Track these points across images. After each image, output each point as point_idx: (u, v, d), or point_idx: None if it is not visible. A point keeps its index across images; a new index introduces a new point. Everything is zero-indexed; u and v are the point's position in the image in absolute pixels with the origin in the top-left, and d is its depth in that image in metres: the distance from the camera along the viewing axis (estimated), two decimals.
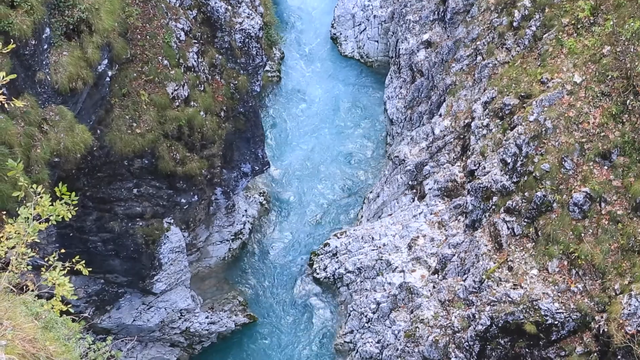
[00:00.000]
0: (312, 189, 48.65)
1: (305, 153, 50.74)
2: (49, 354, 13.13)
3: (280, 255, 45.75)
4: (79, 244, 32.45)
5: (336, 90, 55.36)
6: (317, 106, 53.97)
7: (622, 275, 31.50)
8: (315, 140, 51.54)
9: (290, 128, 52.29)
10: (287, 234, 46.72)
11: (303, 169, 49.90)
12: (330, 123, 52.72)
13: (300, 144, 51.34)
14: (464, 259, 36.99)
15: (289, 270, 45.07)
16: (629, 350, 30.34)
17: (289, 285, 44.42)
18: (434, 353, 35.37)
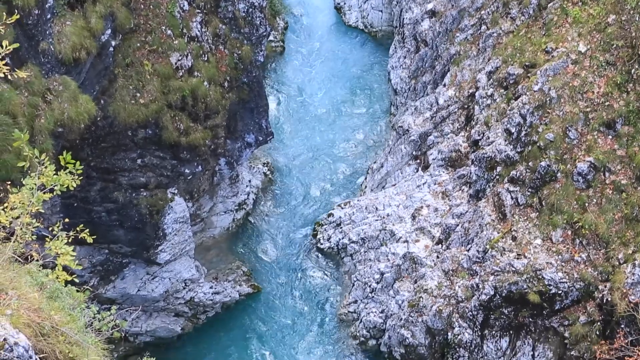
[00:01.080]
0: (316, 159, 48.61)
1: (308, 123, 50.65)
2: (54, 324, 13.15)
3: (284, 225, 45.78)
4: (83, 214, 32.48)
5: (340, 61, 55.19)
6: (321, 76, 53.83)
7: (626, 244, 31.51)
8: (319, 110, 51.44)
9: (293, 98, 52.18)
10: (291, 204, 46.73)
11: (306, 139, 49.83)
12: (334, 93, 52.60)
13: (304, 114, 51.24)
14: (467, 229, 37.00)
15: (293, 240, 45.11)
16: (632, 319, 30.40)
17: (292, 255, 44.47)
18: (438, 323, 35.48)
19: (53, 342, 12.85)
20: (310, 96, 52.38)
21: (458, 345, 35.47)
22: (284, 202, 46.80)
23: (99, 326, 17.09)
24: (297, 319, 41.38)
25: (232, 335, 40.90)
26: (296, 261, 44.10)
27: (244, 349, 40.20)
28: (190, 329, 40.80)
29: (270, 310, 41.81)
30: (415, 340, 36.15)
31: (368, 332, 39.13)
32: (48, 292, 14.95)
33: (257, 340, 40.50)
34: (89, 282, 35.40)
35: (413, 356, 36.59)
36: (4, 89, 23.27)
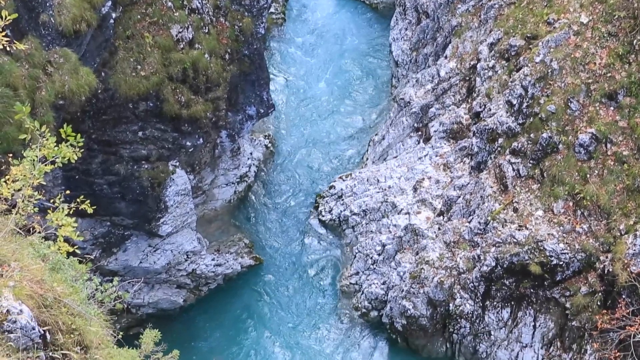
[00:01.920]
0: (317, 132, 48.55)
1: (310, 95, 50.57)
2: (56, 295, 13.18)
3: (286, 197, 45.79)
4: (85, 186, 32.48)
5: (341, 32, 55.01)
6: (322, 48, 53.67)
7: (627, 215, 31.56)
8: (320, 82, 51.34)
9: (294, 70, 52.07)
10: (293, 176, 46.70)
11: (308, 111, 49.75)
12: (335, 65, 52.47)
13: (305, 86, 51.14)
14: (469, 200, 37.03)
15: (295, 212, 45.13)
16: (633, 290, 30.52)
17: (294, 227, 44.51)
18: (439, 294, 35.59)
19: (56, 314, 12.89)
20: (310, 68, 52.25)
21: (459, 316, 35.62)
22: (286, 174, 46.78)
23: (101, 298, 17.16)
24: (298, 290, 41.48)
25: (234, 306, 41.02)
26: (298, 233, 44.15)
27: (246, 320, 40.34)
28: (193, 300, 40.92)
29: (272, 281, 41.91)
30: (417, 311, 36.27)
31: (370, 304, 39.25)
32: (50, 264, 14.98)
33: (259, 312, 40.63)
34: (90, 254, 35.46)
35: (414, 327, 36.73)
36: (4, 61, 23.23)
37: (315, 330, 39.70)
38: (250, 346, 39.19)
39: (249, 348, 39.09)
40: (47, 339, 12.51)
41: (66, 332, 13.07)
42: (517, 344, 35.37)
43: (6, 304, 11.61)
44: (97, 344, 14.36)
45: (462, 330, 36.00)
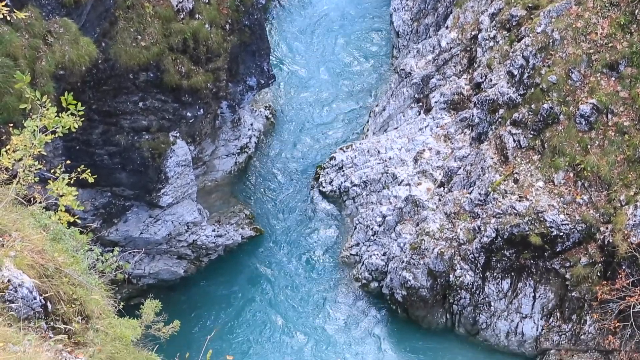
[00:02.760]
0: (318, 103, 48.44)
1: (310, 66, 50.42)
2: (57, 265, 13.22)
3: (286, 169, 45.74)
4: (86, 157, 32.46)
5: (342, 3, 54.74)
6: (323, 18, 53.43)
7: (628, 186, 31.61)
8: (321, 53, 51.17)
9: (294, 41, 51.89)
10: (293, 147, 46.63)
11: (309, 82, 49.62)
12: (336, 35, 52.26)
13: (305, 56, 50.97)
14: (469, 171, 37.02)
15: (295, 184, 45.10)
16: (634, 261, 30.61)
17: (294, 199, 44.49)
18: (440, 265, 35.64)
19: (57, 284, 12.93)
20: (311, 38, 52.06)
21: (459, 287, 35.70)
22: (286, 145, 46.73)
23: (102, 268, 17.22)
24: (299, 261, 41.54)
25: (234, 277, 41.11)
26: (298, 204, 44.15)
27: (246, 291, 40.43)
28: (194, 271, 40.99)
29: (273, 253, 41.97)
30: (417, 282, 36.34)
31: (370, 275, 39.33)
32: (51, 234, 15.02)
33: (259, 283, 40.73)
34: (91, 225, 35.50)
35: (415, 298, 36.81)
36: (4, 31, 23.17)
37: (315, 300, 39.79)
38: (251, 316, 39.32)
39: (250, 318, 39.22)
40: (48, 309, 12.55)
41: (67, 302, 13.11)
42: (517, 314, 35.50)
43: (7, 274, 11.64)
44: (98, 313, 14.41)
45: (462, 301, 36.09)
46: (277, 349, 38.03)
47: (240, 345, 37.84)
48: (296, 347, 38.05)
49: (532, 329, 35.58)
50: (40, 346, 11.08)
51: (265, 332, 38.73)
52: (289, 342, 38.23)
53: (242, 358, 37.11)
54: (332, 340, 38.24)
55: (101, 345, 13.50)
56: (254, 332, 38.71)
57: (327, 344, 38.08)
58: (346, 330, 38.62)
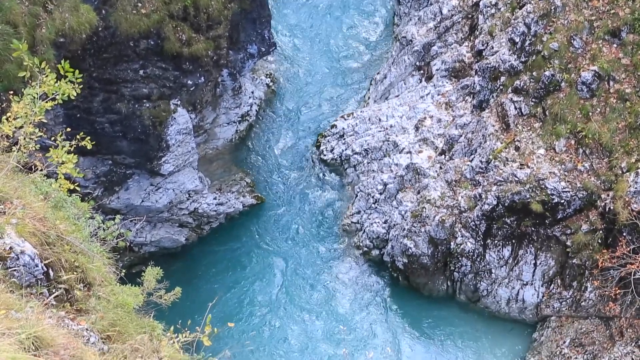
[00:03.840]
0: (319, 70, 48.29)
1: (311, 33, 50.22)
2: (59, 233, 13.22)
3: (287, 137, 45.68)
4: (86, 125, 32.43)
5: None
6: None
7: (629, 153, 31.60)
8: (322, 21, 50.94)
9: (296, 7, 51.62)
10: (294, 116, 46.54)
11: (309, 49, 49.45)
12: (337, 3, 52.02)
13: (306, 23, 50.75)
14: (471, 139, 36.99)
15: (296, 151, 45.06)
16: (634, 227, 30.65)
17: (296, 167, 44.47)
18: (441, 233, 35.70)
19: (58, 251, 12.94)
20: (313, 6, 51.82)
21: (460, 254, 35.77)
22: (287, 113, 46.64)
23: (103, 235, 17.24)
24: (300, 229, 41.59)
25: (236, 246, 41.18)
26: (299, 173, 44.14)
27: (247, 259, 40.52)
28: (195, 239, 41.06)
29: (274, 221, 42.01)
30: (418, 250, 36.41)
31: (371, 242, 39.40)
32: (52, 202, 15.04)
33: (260, 251, 40.79)
34: (92, 193, 35.55)
35: (416, 266, 36.90)
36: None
37: (316, 268, 39.88)
38: (252, 284, 39.43)
39: (251, 286, 39.33)
40: (50, 276, 12.58)
41: (69, 269, 13.14)
42: (518, 281, 35.60)
43: (9, 241, 11.66)
44: (100, 281, 14.45)
45: (463, 268, 36.18)
46: (278, 316, 38.16)
47: (241, 312, 37.98)
48: (297, 314, 38.19)
49: (533, 296, 35.70)
50: (42, 313, 11.12)
51: (266, 299, 38.86)
52: (290, 309, 38.37)
53: (243, 325, 37.25)
54: (333, 307, 38.36)
55: (103, 313, 13.54)
56: (255, 299, 38.84)
57: (328, 311, 38.22)
58: (347, 297, 38.74)
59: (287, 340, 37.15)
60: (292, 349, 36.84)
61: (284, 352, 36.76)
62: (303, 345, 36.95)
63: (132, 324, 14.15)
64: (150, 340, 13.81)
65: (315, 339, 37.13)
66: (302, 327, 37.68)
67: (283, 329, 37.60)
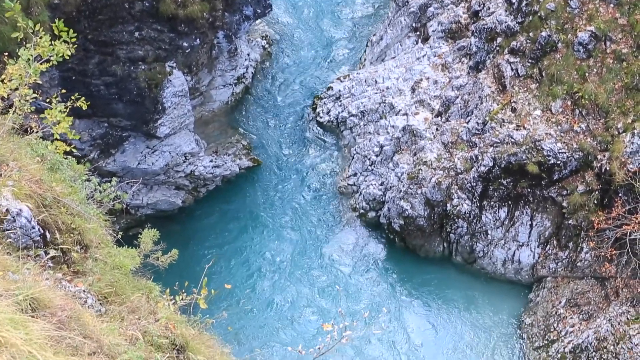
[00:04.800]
0: (315, 33, 48.12)
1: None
2: (55, 195, 13.20)
3: (283, 99, 45.59)
4: (82, 87, 32.32)
5: None
6: None
7: (626, 114, 31.60)
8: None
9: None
10: (290, 78, 46.44)
11: (306, 11, 49.25)
12: None
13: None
14: (467, 101, 36.94)
15: (292, 114, 45.00)
16: (630, 188, 30.72)
17: (292, 129, 44.42)
18: (437, 194, 35.73)
19: (55, 214, 12.93)
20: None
21: (457, 216, 35.83)
22: (283, 75, 46.53)
23: (100, 198, 17.22)
24: (296, 191, 41.61)
25: (232, 208, 41.22)
26: (295, 135, 44.08)
27: (244, 221, 40.58)
28: (191, 202, 41.09)
29: (270, 183, 42.02)
30: (415, 211, 36.47)
31: (367, 205, 39.44)
32: (48, 164, 14.99)
33: (257, 213, 40.84)
34: (89, 156, 35.53)
35: (412, 227, 36.96)
36: None
37: (312, 230, 39.94)
38: (248, 246, 39.50)
39: (247, 248, 39.41)
40: (47, 238, 12.58)
41: (65, 231, 13.13)
42: (514, 242, 35.70)
43: (5, 204, 11.64)
44: (97, 243, 14.45)
45: (459, 230, 36.26)
46: (274, 277, 38.26)
47: (238, 274, 38.08)
48: (293, 275, 38.29)
49: (529, 257, 35.81)
50: (39, 275, 11.12)
51: (262, 261, 38.94)
52: (286, 270, 38.47)
53: (240, 286, 37.37)
54: (329, 268, 38.46)
55: (100, 275, 13.56)
56: (252, 261, 38.93)
57: (324, 271, 38.33)
58: (344, 259, 38.82)
59: (283, 301, 37.28)
60: (288, 309, 36.97)
61: (279, 312, 36.90)
62: (299, 305, 37.08)
63: (129, 286, 14.18)
64: (147, 302, 13.85)
65: (311, 299, 37.25)
66: (298, 288, 37.80)
67: (279, 290, 37.72)
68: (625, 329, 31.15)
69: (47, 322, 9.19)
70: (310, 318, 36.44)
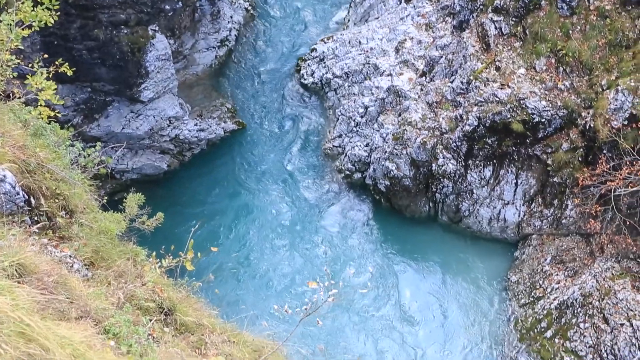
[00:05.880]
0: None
1: None
2: (39, 161, 13.16)
3: (267, 61, 45.45)
4: (64, 52, 32.16)
5: None
6: None
7: (609, 70, 31.61)
8: None
9: None
10: (274, 40, 46.26)
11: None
12: None
13: None
14: (451, 60, 36.89)
15: (277, 76, 44.87)
16: (614, 144, 30.82)
17: (276, 91, 44.31)
18: (422, 154, 35.76)
19: (39, 179, 12.90)
20: None
21: (442, 175, 35.89)
22: (266, 38, 46.33)
23: (84, 162, 17.17)
24: (282, 154, 41.57)
25: (218, 171, 41.17)
26: (280, 97, 43.98)
27: (230, 184, 40.55)
28: (177, 165, 41.01)
29: (256, 146, 41.96)
30: (400, 172, 36.51)
31: (353, 166, 39.45)
32: (32, 129, 14.93)
33: (243, 176, 40.80)
34: (72, 121, 35.39)
35: (398, 188, 37.02)
36: None
37: (298, 192, 39.96)
38: (234, 209, 39.51)
39: (233, 211, 39.42)
40: (32, 204, 12.55)
41: (50, 197, 13.11)
42: (499, 201, 35.81)
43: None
44: (82, 208, 14.43)
45: (444, 189, 36.33)
46: (261, 239, 38.31)
47: (224, 237, 38.12)
48: (280, 238, 38.36)
49: (514, 215, 35.95)
50: (25, 240, 11.10)
51: (248, 223, 38.97)
52: (272, 232, 38.53)
53: (226, 249, 37.41)
54: (316, 230, 38.52)
55: (86, 239, 13.56)
56: (238, 223, 38.96)
57: (310, 233, 38.40)
58: (330, 220, 38.88)
59: (269, 262, 37.35)
60: (274, 271, 37.05)
61: (266, 273, 36.97)
62: (285, 266, 37.17)
63: (115, 250, 14.19)
64: (133, 266, 13.87)
65: (297, 260, 37.35)
66: (284, 250, 37.87)
67: (265, 252, 37.78)
68: (610, 285, 31.37)
69: (33, 288, 9.20)
70: (297, 279, 36.54)
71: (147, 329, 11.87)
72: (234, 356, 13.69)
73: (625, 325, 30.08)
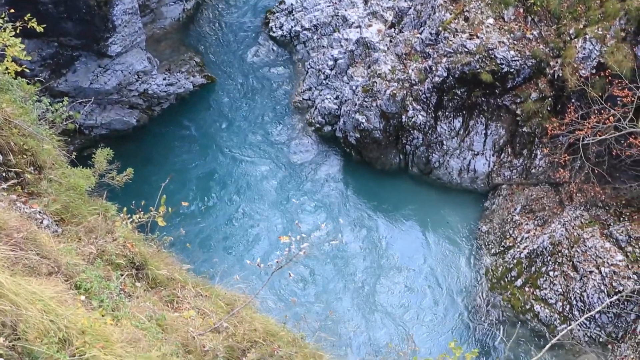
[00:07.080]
0: None
1: None
2: (6, 116, 13.07)
3: (236, 15, 45.15)
4: (29, 6, 31.70)
5: None
6: None
7: (577, 19, 31.70)
8: None
9: None
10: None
11: None
12: None
13: None
14: (420, 11, 36.80)
15: (245, 30, 44.61)
16: (582, 93, 31.00)
17: (245, 45, 44.08)
18: (392, 106, 35.77)
19: (7, 135, 12.82)
20: None
21: (412, 127, 35.94)
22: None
23: (52, 118, 17.02)
24: (251, 107, 41.45)
25: (188, 126, 41.03)
26: (249, 51, 43.78)
27: (200, 138, 40.44)
28: (146, 120, 40.81)
29: (225, 100, 41.80)
30: (370, 124, 36.52)
31: (323, 119, 39.43)
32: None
33: (213, 130, 40.69)
34: (39, 76, 35.05)
35: (368, 140, 37.06)
36: None
37: (269, 146, 39.92)
38: (205, 163, 39.44)
39: (204, 165, 39.34)
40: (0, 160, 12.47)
41: (18, 152, 13.04)
42: (469, 152, 35.95)
43: None
44: (51, 164, 14.36)
45: (414, 141, 36.41)
46: (231, 192, 38.32)
47: (195, 192, 38.08)
48: (250, 192, 38.35)
49: (484, 166, 36.12)
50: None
51: (219, 178, 38.93)
52: (243, 186, 38.53)
53: (197, 204, 37.41)
54: (287, 184, 38.55)
55: (55, 195, 13.51)
56: (208, 178, 38.91)
57: (280, 188, 38.42)
58: (300, 174, 38.91)
59: (241, 217, 37.38)
60: (245, 225, 37.10)
61: (237, 228, 37.02)
62: (256, 220, 37.23)
63: (85, 206, 14.14)
64: (104, 222, 13.84)
65: (268, 214, 37.40)
66: (255, 204, 37.90)
67: (236, 206, 37.79)
68: (579, 233, 31.68)
69: (3, 244, 9.18)
70: (269, 233, 36.62)
71: (119, 284, 11.88)
72: (206, 310, 13.75)
73: (594, 272, 30.44)
